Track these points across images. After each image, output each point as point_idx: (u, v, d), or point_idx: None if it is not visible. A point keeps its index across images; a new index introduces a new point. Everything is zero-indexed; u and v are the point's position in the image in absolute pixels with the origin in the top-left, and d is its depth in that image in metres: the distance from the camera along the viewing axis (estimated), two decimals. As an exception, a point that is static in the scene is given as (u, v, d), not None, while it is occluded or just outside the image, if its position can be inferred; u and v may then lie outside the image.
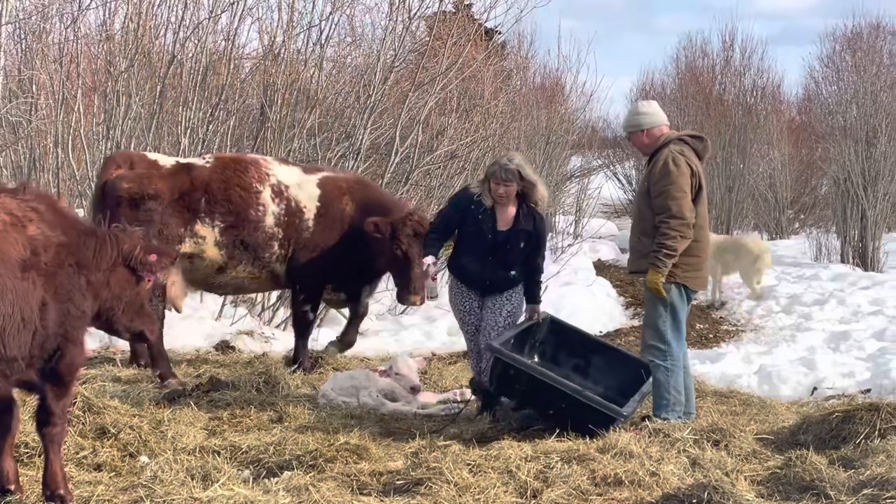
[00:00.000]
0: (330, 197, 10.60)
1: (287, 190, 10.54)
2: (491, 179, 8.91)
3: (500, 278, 9.01)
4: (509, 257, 8.98)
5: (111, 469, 6.94)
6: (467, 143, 16.49)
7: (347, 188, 10.72)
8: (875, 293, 17.42)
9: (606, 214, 36.83)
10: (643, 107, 8.83)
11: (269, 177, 10.54)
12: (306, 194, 10.56)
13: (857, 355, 12.23)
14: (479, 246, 8.98)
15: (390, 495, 6.51)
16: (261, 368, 10.10)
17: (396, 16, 15.18)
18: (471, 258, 9.04)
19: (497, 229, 8.97)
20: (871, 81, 24.89)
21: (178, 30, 13.68)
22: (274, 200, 10.46)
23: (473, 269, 9.04)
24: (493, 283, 9.03)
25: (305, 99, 14.21)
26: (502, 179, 8.85)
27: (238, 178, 10.45)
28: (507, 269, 9.00)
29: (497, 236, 8.95)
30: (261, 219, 10.40)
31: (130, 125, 13.11)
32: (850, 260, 23.11)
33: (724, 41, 36.61)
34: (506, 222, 8.99)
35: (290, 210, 10.50)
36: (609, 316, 16.32)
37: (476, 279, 9.06)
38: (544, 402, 8.10)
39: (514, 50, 27.00)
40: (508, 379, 8.20)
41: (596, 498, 6.50)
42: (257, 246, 10.45)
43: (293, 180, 10.61)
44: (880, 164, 23.21)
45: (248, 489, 6.30)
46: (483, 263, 8.98)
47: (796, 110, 37.72)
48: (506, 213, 9.00)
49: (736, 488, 6.46)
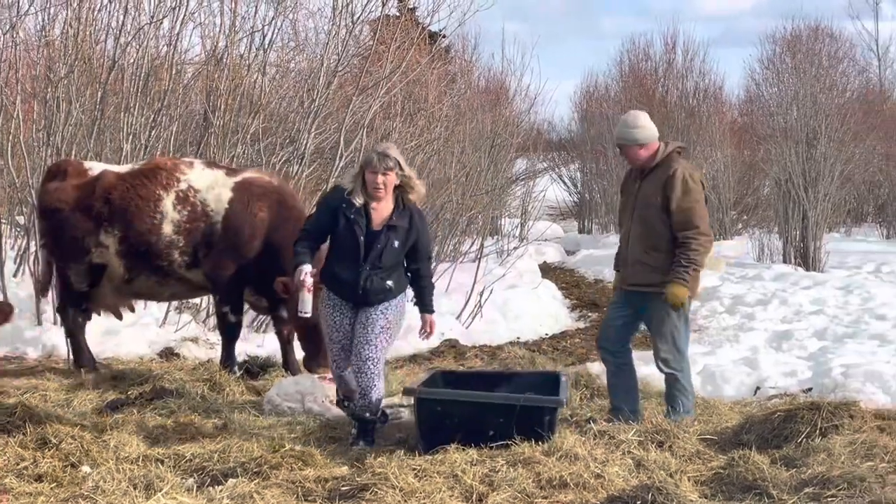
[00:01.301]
0: (242, 200, 10.45)
1: (195, 195, 10.45)
2: (367, 169, 8.01)
3: (376, 288, 8.04)
4: (383, 260, 8.02)
5: (52, 479, 6.85)
6: (412, 147, 16.48)
7: (263, 193, 10.54)
8: (816, 293, 17.57)
9: (552, 217, 37.01)
10: (640, 119, 8.72)
11: (178, 182, 10.47)
12: (215, 197, 10.45)
13: (799, 354, 12.32)
14: (350, 249, 8.03)
15: (335, 501, 6.49)
16: (205, 375, 10.05)
17: (339, 20, 15.12)
18: (343, 264, 8.08)
19: (371, 229, 8.04)
20: (810, 83, 25.13)
21: (118, 35, 13.58)
22: (175, 207, 10.39)
23: (346, 276, 8.07)
24: (366, 292, 8.04)
25: (249, 104, 14.16)
26: (381, 168, 7.95)
27: (142, 186, 10.45)
28: (383, 276, 8.05)
29: (369, 236, 8.02)
30: (156, 227, 10.35)
31: (71, 131, 13.01)
32: (792, 260, 23.31)
33: (667, 44, 37.02)
34: (380, 221, 8.06)
35: (194, 215, 10.41)
36: (555, 318, 16.36)
37: (349, 288, 8.08)
38: (482, 426, 7.70)
39: (458, 53, 27.08)
40: (438, 418, 7.78)
41: (541, 501, 6.51)
42: (153, 255, 10.41)
43: (206, 184, 10.51)
44: (820, 164, 23.43)
45: (192, 498, 6.28)
46: (356, 269, 8.02)
47: (738, 112, 38.07)
48: (381, 210, 8.09)
49: (679, 489, 6.51)
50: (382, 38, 16.39)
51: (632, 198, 8.74)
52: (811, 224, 23.08)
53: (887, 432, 8.14)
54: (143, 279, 10.61)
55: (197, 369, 10.64)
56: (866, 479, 6.73)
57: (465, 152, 20.47)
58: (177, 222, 10.37)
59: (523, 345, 13.75)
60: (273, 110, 15.21)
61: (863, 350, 12.22)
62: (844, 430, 7.95)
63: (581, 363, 11.93)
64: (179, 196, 10.42)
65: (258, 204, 10.45)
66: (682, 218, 8.46)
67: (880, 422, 8.42)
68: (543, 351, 13.21)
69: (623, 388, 8.81)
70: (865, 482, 6.67)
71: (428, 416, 7.75)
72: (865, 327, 13.87)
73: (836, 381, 10.48)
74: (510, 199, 28.74)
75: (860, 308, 15.76)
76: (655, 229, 8.54)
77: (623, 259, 8.82)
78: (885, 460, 7.28)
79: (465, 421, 7.72)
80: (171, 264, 10.45)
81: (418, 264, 8.31)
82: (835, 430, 7.93)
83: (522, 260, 21.54)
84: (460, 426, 7.68)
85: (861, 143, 27.13)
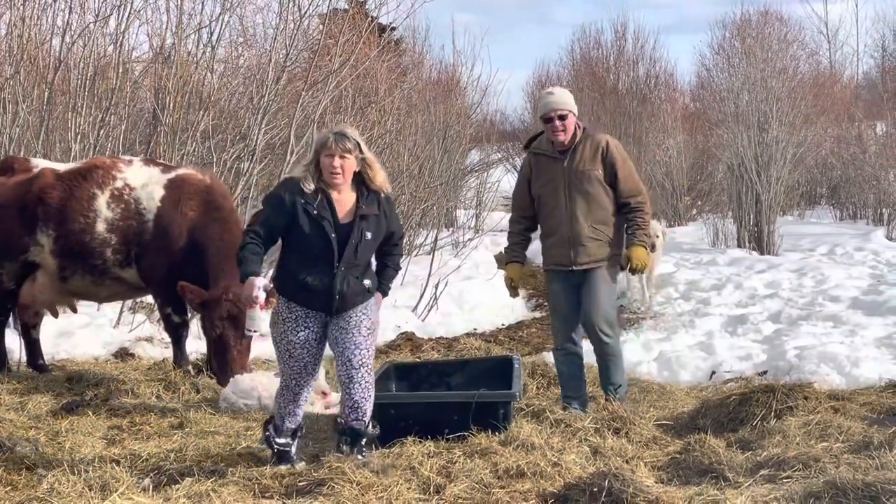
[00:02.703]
0: (172, 198, 10.35)
1: (130, 193, 10.38)
2: (322, 152, 6.96)
3: (354, 290, 7.00)
4: (359, 256, 7.00)
5: (7, 483, 6.81)
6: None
7: (195, 191, 10.42)
8: (771, 276, 17.67)
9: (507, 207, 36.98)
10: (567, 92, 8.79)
11: (113, 180, 10.40)
12: (147, 195, 10.37)
13: (754, 338, 12.39)
14: (319, 249, 6.91)
15: (293, 497, 6.45)
16: (160, 375, 10.01)
17: (287, 15, 15.09)
18: (310, 268, 6.93)
19: (339, 222, 6.96)
20: (760, 68, 25.21)
21: (64, 34, 13.48)
22: (109, 206, 10.31)
23: (318, 282, 6.91)
24: (344, 297, 6.97)
25: (198, 101, 14.09)
26: (338, 149, 6.94)
27: (76, 185, 10.39)
28: (358, 275, 7.03)
29: (341, 231, 6.95)
30: (89, 226, 10.27)
31: (19, 132, 12.90)
32: (747, 244, 23.40)
33: (617, 31, 37.09)
34: (347, 212, 7.01)
35: (127, 213, 10.32)
36: (510, 308, 16.36)
37: (321, 296, 6.94)
38: (437, 424, 7.68)
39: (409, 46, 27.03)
40: (392, 420, 7.66)
41: (499, 490, 6.51)
42: (85, 253, 10.32)
43: (141, 181, 10.44)
44: (772, 149, 23.52)
45: (148, 497, 6.23)
46: (329, 272, 6.91)
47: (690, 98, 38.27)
48: (344, 200, 7.03)
49: (636, 475, 6.52)
50: (331, 32, 16.33)
51: (560, 176, 8.50)
52: (765, 208, 23.18)
53: (841, 413, 8.22)
54: (78, 277, 10.50)
55: (152, 369, 10.60)
56: (821, 459, 6.79)
57: (418, 144, 20.48)
58: (109, 220, 10.27)
59: (480, 336, 13.78)
60: (223, 107, 15.16)
61: (817, 332, 12.32)
62: (799, 411, 8.03)
63: (538, 353, 11.98)
64: (114, 194, 10.34)
65: (190, 202, 10.34)
66: (630, 185, 8.52)
67: (834, 402, 8.50)
68: (500, 341, 13.24)
69: (577, 376, 8.77)
70: (820, 462, 6.72)
71: (383, 418, 7.47)
72: (819, 309, 13.96)
73: (791, 363, 10.57)
74: (465, 190, 28.75)
75: (814, 290, 15.86)
76: (599, 202, 8.48)
77: (566, 240, 8.48)
78: (840, 440, 7.34)
79: (420, 420, 7.71)
80: (104, 263, 10.35)
81: (389, 250, 7.37)
82: (789, 411, 8.01)
83: (478, 251, 21.57)
84: (415, 426, 7.66)
85: (812, 126, 27.25)
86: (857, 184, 29.53)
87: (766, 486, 6.41)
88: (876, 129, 32.31)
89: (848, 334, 12.04)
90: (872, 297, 14.59)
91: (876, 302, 14.15)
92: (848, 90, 38.79)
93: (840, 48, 51.84)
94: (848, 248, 22.32)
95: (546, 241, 8.72)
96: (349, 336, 7.04)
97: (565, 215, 8.49)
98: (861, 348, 10.96)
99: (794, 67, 29.89)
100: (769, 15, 33.31)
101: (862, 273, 17.75)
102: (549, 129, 8.58)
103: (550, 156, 8.63)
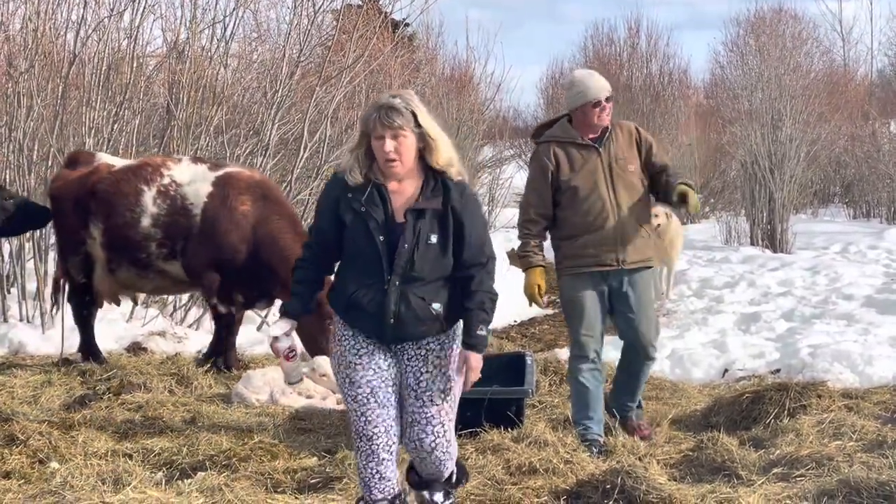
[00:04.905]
0: (220, 194, 10.42)
1: (177, 189, 10.48)
2: (372, 134, 5.17)
3: (416, 313, 5.21)
4: (417, 265, 5.17)
5: (20, 476, 6.81)
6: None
7: (245, 186, 10.51)
8: (784, 274, 17.64)
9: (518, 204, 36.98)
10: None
11: (161, 177, 10.52)
12: (194, 192, 10.44)
13: (767, 336, 12.36)
14: (367, 256, 5.20)
15: (305, 493, 6.46)
16: (173, 369, 10.01)
17: (301, 10, 15.10)
18: (362, 280, 5.23)
19: (393, 220, 5.20)
20: (774, 65, 25.20)
21: (79, 29, 13.50)
22: (156, 201, 10.43)
23: (365, 299, 5.21)
24: (401, 320, 5.20)
25: (212, 96, 14.09)
26: (388, 124, 5.12)
27: (125, 181, 10.57)
28: (423, 292, 5.22)
29: (393, 232, 5.18)
30: (135, 220, 10.43)
31: (33, 126, 12.92)
32: (760, 242, 23.36)
33: (630, 28, 37.09)
34: (404, 207, 5.23)
35: (173, 209, 10.42)
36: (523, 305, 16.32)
37: (372, 318, 5.23)
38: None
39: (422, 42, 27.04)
40: None
41: (511, 487, 6.50)
42: (131, 247, 10.49)
43: (188, 178, 10.53)
44: (786, 146, 23.48)
45: (161, 492, 6.22)
46: (379, 285, 5.19)
47: (703, 95, 38.22)
48: (404, 190, 5.26)
49: (649, 472, 6.50)
50: (345, 28, 16.32)
51: (599, 167, 7.51)
52: (778, 206, 23.13)
53: (855, 411, 8.20)
54: (124, 269, 10.69)
55: (165, 363, 10.60)
56: (834, 458, 6.78)
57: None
58: (155, 216, 10.42)
59: (492, 332, 13.74)
60: (236, 102, 15.15)
61: (830, 330, 12.28)
62: (812, 410, 8.00)
63: (550, 349, 11.95)
64: (161, 190, 10.48)
65: (242, 197, 10.42)
66: (664, 159, 7.88)
67: (848, 401, 8.48)
68: (512, 338, 13.24)
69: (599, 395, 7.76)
70: (833, 461, 6.71)
71: None
72: (833, 307, 13.92)
73: (804, 361, 10.54)
74: (477, 186, 28.74)
75: (827, 288, 15.81)
76: (640, 195, 7.63)
77: (616, 238, 7.50)
78: (853, 439, 7.32)
79: None
80: (148, 256, 10.52)
81: (468, 269, 5.32)
82: (803, 410, 7.99)
83: (490, 247, 21.49)
84: None
85: (826, 124, 27.22)
86: (871, 182, 29.48)
87: (778, 484, 6.40)
88: (890, 127, 32.22)
89: (861, 333, 12.01)
90: (886, 296, 14.55)
91: (889, 300, 14.11)
92: (862, 88, 38.80)
93: (854, 46, 51.77)
94: (861, 246, 22.27)
95: (577, 240, 7.61)
96: (419, 404, 5.39)
97: (610, 209, 7.48)
98: (875, 347, 10.92)
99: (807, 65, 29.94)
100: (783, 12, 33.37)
101: (875, 271, 17.71)
102: (595, 114, 7.55)
103: (582, 144, 7.61)
